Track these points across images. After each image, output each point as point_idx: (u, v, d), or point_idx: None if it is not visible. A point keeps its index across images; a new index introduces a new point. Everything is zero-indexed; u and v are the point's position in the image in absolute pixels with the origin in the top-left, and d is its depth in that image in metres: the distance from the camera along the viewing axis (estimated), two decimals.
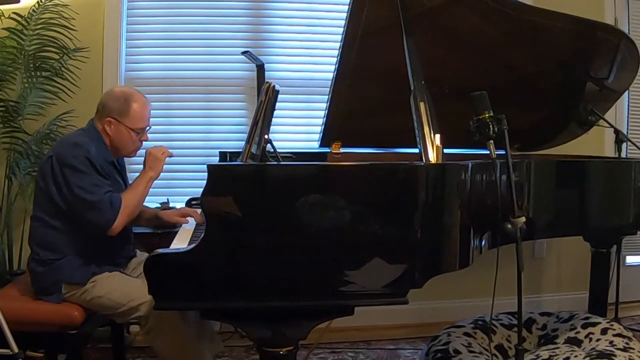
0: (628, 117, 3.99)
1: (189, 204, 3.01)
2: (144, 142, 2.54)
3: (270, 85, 2.14)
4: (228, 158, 3.07)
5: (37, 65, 3.11)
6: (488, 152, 1.91)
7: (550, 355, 2.59)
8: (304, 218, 1.75)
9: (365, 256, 1.80)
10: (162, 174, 3.44)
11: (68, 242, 2.35)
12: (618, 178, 2.87)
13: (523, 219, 1.88)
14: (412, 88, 2.10)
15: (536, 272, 3.90)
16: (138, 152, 2.57)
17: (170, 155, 2.51)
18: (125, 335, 2.98)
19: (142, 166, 2.47)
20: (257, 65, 3.12)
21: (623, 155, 3.20)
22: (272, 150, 1.98)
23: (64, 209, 2.31)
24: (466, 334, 2.85)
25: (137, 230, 2.87)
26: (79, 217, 2.29)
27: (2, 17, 3.09)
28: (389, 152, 3.13)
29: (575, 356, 2.56)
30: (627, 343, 2.68)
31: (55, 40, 3.16)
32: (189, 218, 2.70)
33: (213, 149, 3.39)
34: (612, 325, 2.81)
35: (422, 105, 2.05)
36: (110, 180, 2.39)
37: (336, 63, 2.70)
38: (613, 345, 2.65)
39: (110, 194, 2.30)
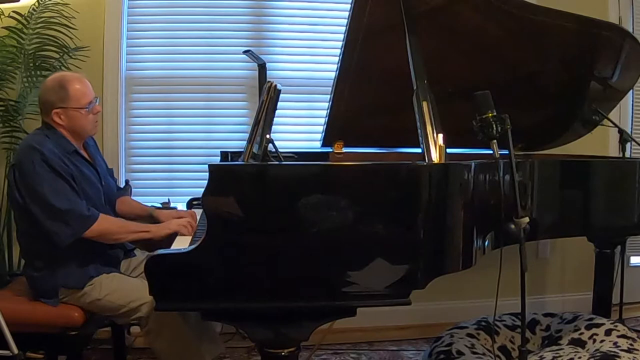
0: (632, 116, 3.96)
1: (190, 204, 3.00)
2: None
3: (271, 84, 2.12)
4: (229, 158, 3.05)
5: (37, 64, 3.10)
6: (491, 151, 1.90)
7: (554, 357, 2.58)
8: (305, 218, 1.74)
9: (368, 257, 1.79)
10: (163, 174, 3.51)
11: (52, 245, 2.28)
12: (622, 178, 2.85)
13: (526, 219, 1.86)
14: (415, 87, 2.09)
15: (540, 272, 3.89)
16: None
17: (184, 234, 2.42)
18: (126, 337, 2.97)
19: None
20: (258, 65, 3.11)
21: (627, 155, 3.18)
22: (273, 150, 1.98)
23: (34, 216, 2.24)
24: (469, 335, 2.83)
25: None
26: (40, 224, 2.22)
27: (2, 16, 3.08)
28: (392, 151, 3.11)
29: (579, 357, 2.55)
30: (631, 344, 2.67)
31: (56, 39, 3.14)
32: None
33: (214, 148, 3.37)
34: (616, 326, 2.79)
35: (424, 104, 2.05)
36: (75, 172, 2.33)
37: (338, 62, 2.69)
38: (617, 347, 2.63)
39: (86, 207, 2.27)
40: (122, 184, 3.25)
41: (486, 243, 2.10)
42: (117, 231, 2.36)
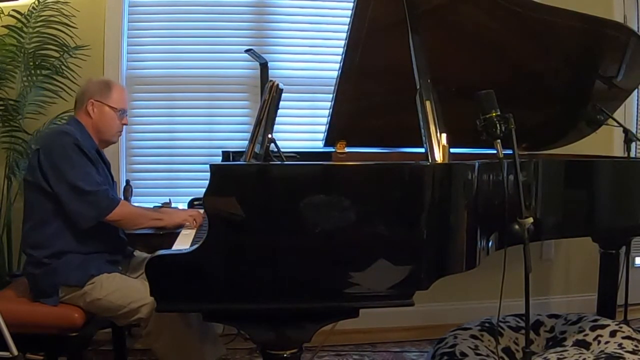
0: (637, 116, 3.96)
1: (191, 204, 2.99)
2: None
3: (273, 83, 2.12)
4: (231, 158, 3.04)
5: (37, 63, 3.09)
6: (495, 151, 1.88)
7: (558, 358, 2.56)
8: (308, 219, 1.72)
9: (370, 257, 1.77)
10: (164, 174, 3.50)
11: (60, 236, 2.32)
12: (627, 178, 2.84)
13: (531, 219, 1.86)
14: (418, 86, 2.07)
15: (544, 273, 3.87)
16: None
17: (190, 227, 2.52)
18: (128, 338, 2.95)
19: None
20: (260, 63, 3.09)
21: (632, 154, 3.16)
22: (275, 149, 1.97)
23: (54, 199, 2.29)
24: (473, 337, 2.82)
25: (138, 230, 2.83)
26: (63, 205, 2.28)
27: (2, 15, 3.07)
28: (395, 151, 3.10)
29: (584, 359, 2.52)
30: (636, 345, 2.65)
31: (56, 38, 3.13)
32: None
33: (216, 148, 3.36)
34: (621, 327, 2.77)
35: (428, 103, 2.03)
36: (98, 168, 2.39)
37: (341, 61, 2.68)
38: (622, 348, 2.61)
39: (110, 191, 2.32)
40: (122, 184, 3.25)
41: (490, 244, 2.09)
42: (137, 218, 2.45)
